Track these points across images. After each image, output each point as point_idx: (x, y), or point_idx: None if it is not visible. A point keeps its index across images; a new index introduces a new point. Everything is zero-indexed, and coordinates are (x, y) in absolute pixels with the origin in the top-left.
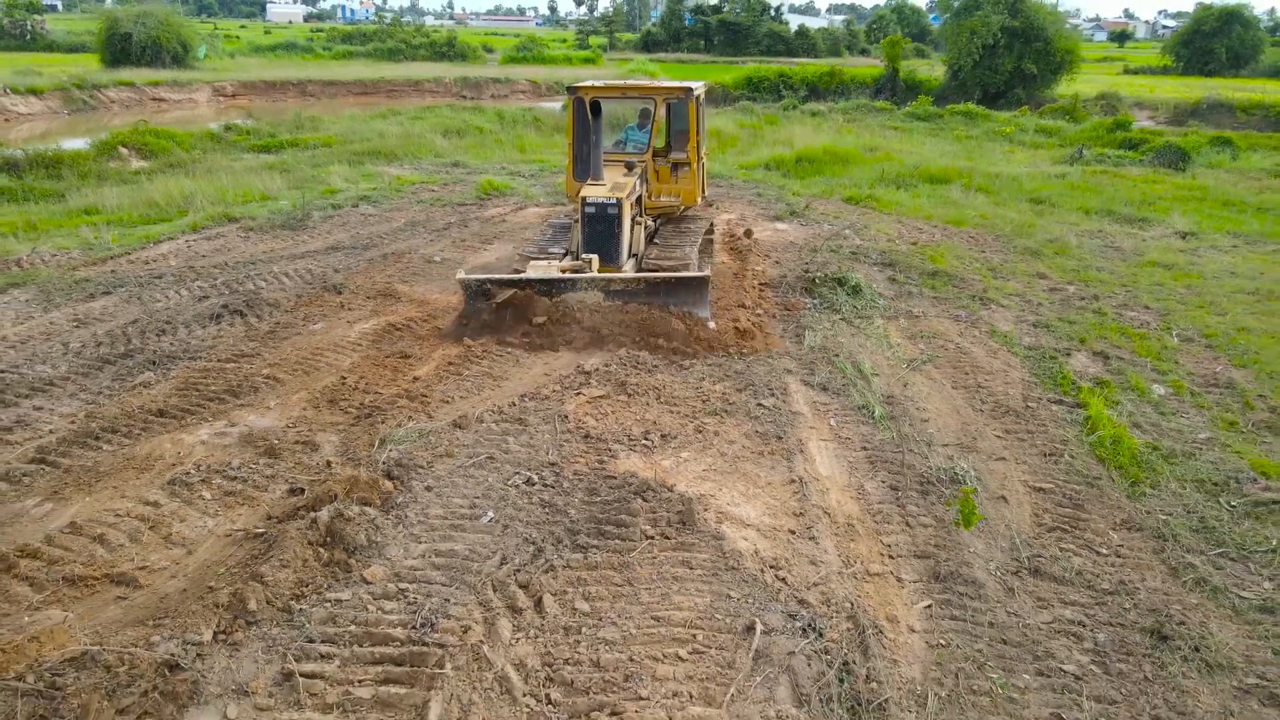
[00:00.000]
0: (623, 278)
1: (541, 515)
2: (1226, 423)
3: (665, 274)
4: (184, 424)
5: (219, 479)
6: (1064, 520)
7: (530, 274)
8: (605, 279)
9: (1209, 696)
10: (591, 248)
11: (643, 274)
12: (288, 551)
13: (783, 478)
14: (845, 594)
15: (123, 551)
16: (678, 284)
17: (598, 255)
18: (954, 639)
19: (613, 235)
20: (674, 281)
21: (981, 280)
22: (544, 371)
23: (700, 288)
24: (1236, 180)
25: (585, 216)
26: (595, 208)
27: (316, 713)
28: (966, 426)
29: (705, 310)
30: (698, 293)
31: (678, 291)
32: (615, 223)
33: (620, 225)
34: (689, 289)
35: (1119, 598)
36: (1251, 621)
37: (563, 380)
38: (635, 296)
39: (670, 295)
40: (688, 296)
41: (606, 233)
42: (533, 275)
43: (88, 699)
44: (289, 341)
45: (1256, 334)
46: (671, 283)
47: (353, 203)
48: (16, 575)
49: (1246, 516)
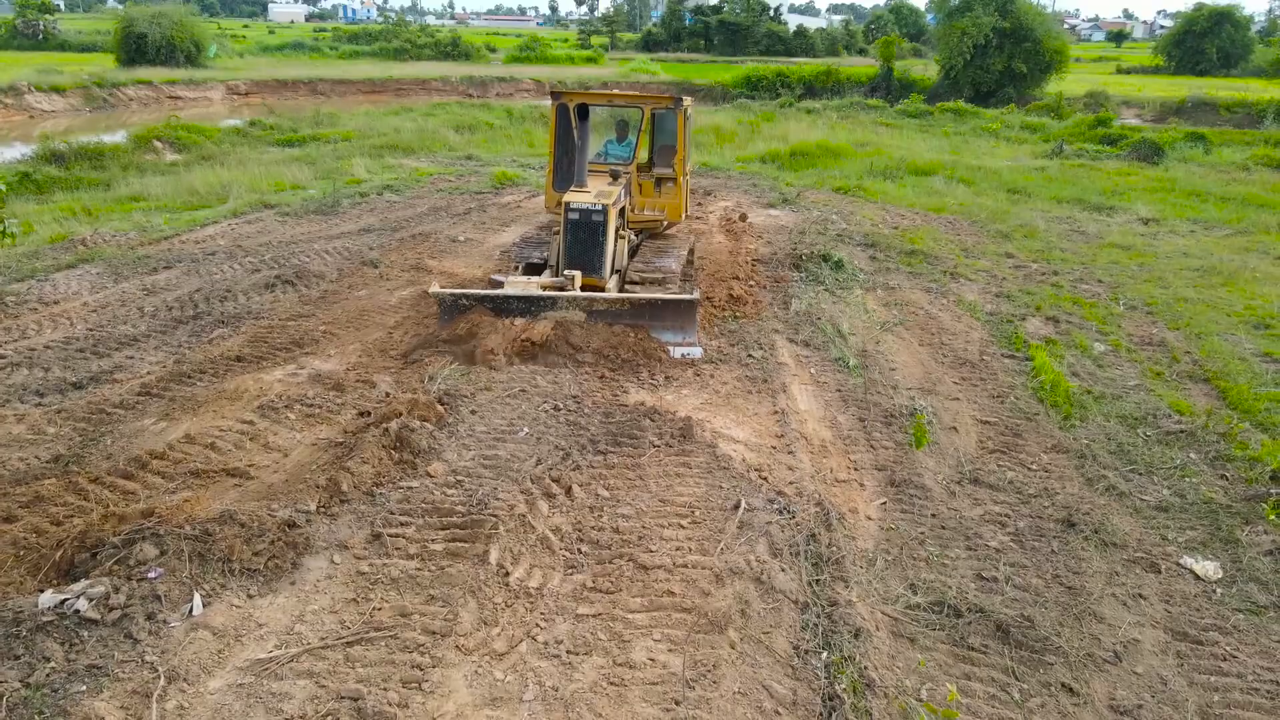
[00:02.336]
0: (606, 298)
1: (567, 431)
2: (1154, 373)
3: (652, 295)
4: (260, 367)
5: (299, 406)
6: (1003, 445)
7: (508, 290)
8: (588, 298)
9: (1100, 563)
10: (574, 257)
11: (628, 295)
12: (366, 452)
13: (768, 410)
14: (815, 490)
15: (232, 454)
16: (665, 306)
17: (580, 267)
18: (902, 524)
19: (596, 244)
20: (661, 304)
21: (954, 259)
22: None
23: (689, 312)
24: (1207, 173)
25: (568, 223)
26: (579, 214)
27: (401, 559)
28: (928, 375)
29: (693, 335)
30: (686, 317)
31: (664, 315)
32: (600, 231)
33: (605, 234)
34: (677, 312)
35: (1040, 499)
36: (1147, 517)
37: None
38: (619, 318)
39: (656, 319)
40: (675, 321)
41: (590, 241)
42: (511, 292)
43: (231, 543)
44: (338, 305)
45: (1194, 303)
46: (658, 305)
47: (377, 191)
48: (150, 470)
49: (1158, 443)
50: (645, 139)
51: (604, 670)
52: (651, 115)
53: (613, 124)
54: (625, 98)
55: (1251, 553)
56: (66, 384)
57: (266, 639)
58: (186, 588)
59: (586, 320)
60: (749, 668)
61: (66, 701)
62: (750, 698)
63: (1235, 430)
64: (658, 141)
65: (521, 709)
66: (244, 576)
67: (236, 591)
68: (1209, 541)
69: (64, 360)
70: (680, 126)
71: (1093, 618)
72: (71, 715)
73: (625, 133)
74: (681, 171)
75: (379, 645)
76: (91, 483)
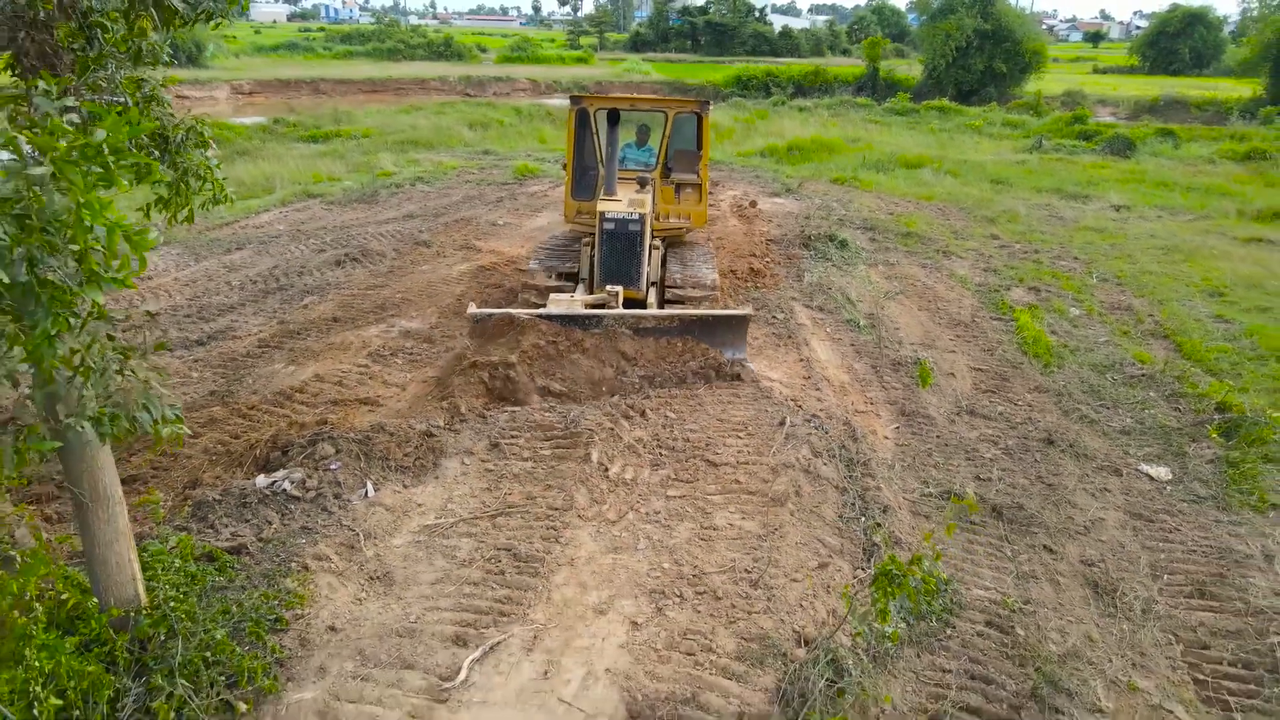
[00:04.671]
0: (655, 314)
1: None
2: (1121, 331)
3: (702, 312)
4: (356, 326)
5: (401, 353)
6: (994, 386)
7: (552, 310)
8: (635, 316)
9: (1074, 469)
10: (610, 269)
11: (676, 311)
12: (474, 387)
13: (794, 359)
14: (841, 415)
15: (359, 388)
16: (716, 322)
17: (617, 279)
18: (912, 442)
19: (634, 256)
20: (711, 320)
21: (945, 240)
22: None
23: (740, 327)
24: (1175, 166)
25: (604, 234)
26: (615, 224)
27: (518, 461)
28: (928, 333)
29: (743, 351)
30: (737, 332)
31: (716, 331)
32: (637, 241)
33: (642, 244)
34: (728, 328)
35: (1025, 425)
36: (1113, 438)
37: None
38: (667, 334)
39: (707, 335)
40: (726, 336)
41: (627, 253)
42: (555, 311)
43: (387, 445)
44: (407, 277)
45: (1158, 276)
46: (709, 321)
47: (410, 182)
48: (295, 400)
49: (1123, 385)
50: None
51: (695, 530)
52: (675, 119)
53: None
54: (649, 101)
55: (1196, 461)
56: (190, 341)
57: (427, 513)
58: (359, 477)
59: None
60: (805, 528)
61: (293, 549)
62: (809, 547)
63: (1188, 374)
64: (674, 146)
65: (637, 554)
66: (399, 471)
67: (395, 482)
68: (1162, 454)
69: (176, 324)
70: (705, 130)
71: (1068, 504)
72: (302, 556)
73: (645, 137)
74: (705, 176)
75: (516, 516)
76: (250, 409)
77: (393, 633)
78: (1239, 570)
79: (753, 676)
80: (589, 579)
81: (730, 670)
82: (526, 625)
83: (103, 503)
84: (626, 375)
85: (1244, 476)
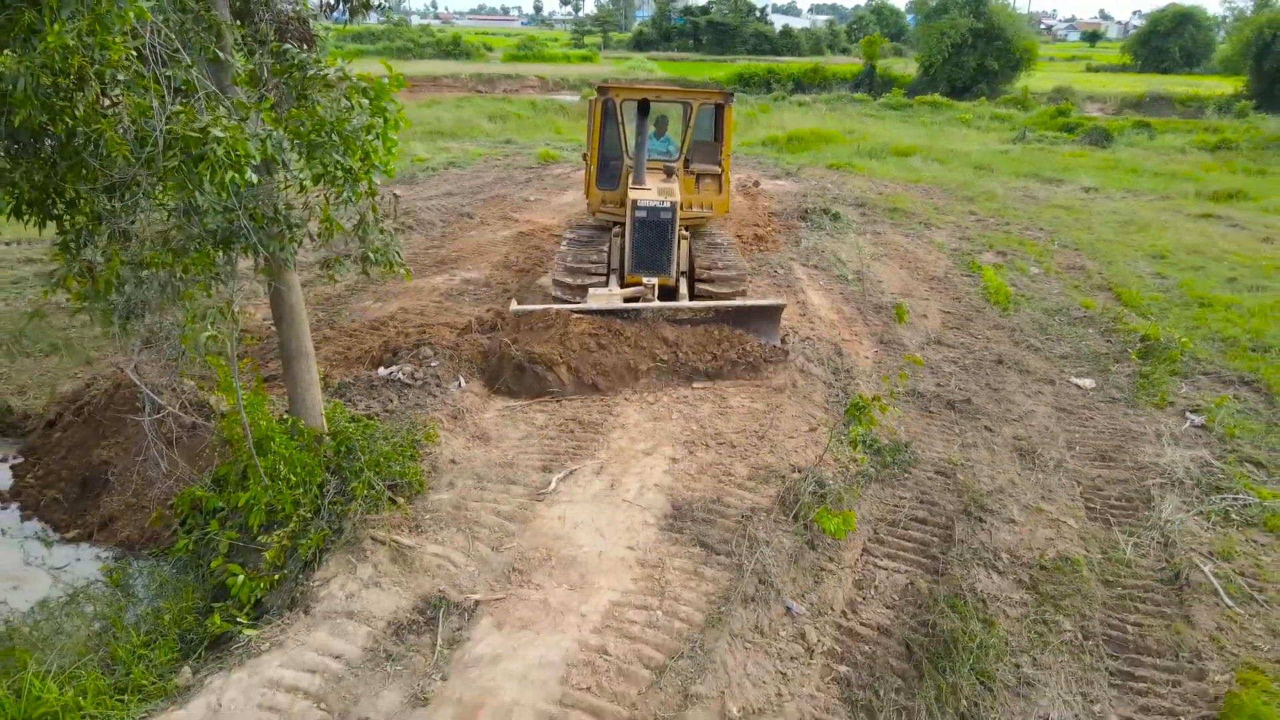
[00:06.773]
0: (691, 306)
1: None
2: (1073, 285)
3: (737, 303)
4: (423, 275)
5: (467, 294)
6: (959, 324)
7: (591, 304)
8: (672, 308)
9: (1017, 379)
10: (641, 258)
11: (712, 303)
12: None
13: (792, 302)
14: (830, 339)
15: (440, 316)
16: (750, 311)
17: (649, 267)
18: (887, 360)
19: (665, 244)
20: (746, 310)
21: (927, 214)
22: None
23: (774, 316)
24: (1149, 155)
25: (636, 222)
26: (647, 212)
27: None
28: (906, 286)
29: (775, 338)
30: (771, 321)
31: (750, 319)
32: (669, 229)
33: (673, 232)
34: (762, 316)
35: (982, 351)
36: (1053, 360)
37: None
38: (704, 323)
39: (742, 323)
40: (760, 324)
41: (659, 241)
42: (594, 306)
43: (472, 353)
44: (458, 241)
45: (1112, 243)
46: (745, 311)
47: (444, 166)
48: (389, 326)
49: (1068, 324)
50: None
51: (715, 408)
52: (698, 110)
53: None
54: (673, 92)
55: (1116, 375)
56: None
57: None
58: (452, 373)
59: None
60: (800, 407)
61: (411, 416)
62: (802, 418)
63: (1121, 316)
64: (695, 136)
65: (671, 422)
66: (481, 372)
67: (479, 379)
68: (1091, 372)
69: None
70: (728, 122)
71: (1008, 402)
72: (421, 419)
73: (663, 128)
74: (728, 166)
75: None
76: (353, 332)
77: (497, 464)
78: (1134, 444)
79: (760, 489)
80: (637, 435)
81: (744, 485)
82: (594, 460)
83: (301, 357)
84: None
85: (1152, 385)
